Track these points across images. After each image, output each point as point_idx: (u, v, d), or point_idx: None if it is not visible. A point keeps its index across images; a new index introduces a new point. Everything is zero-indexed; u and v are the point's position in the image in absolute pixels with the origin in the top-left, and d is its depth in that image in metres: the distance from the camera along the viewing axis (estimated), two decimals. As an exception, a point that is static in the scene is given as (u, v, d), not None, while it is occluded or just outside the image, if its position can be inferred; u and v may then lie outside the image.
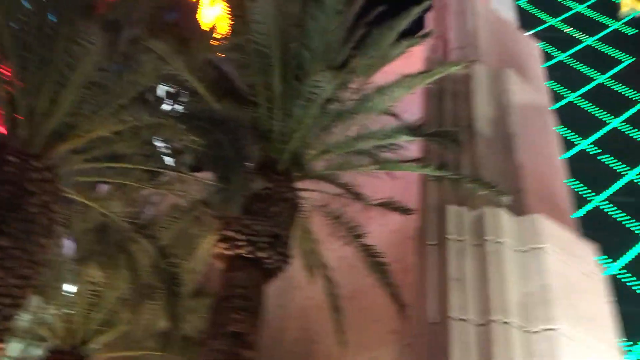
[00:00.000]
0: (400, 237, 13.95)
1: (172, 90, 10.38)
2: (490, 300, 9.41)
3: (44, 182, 8.22)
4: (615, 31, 30.02)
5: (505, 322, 9.16)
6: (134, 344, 13.33)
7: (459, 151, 11.51)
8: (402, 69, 11.90)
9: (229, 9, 11.96)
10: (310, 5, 10.89)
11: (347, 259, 13.67)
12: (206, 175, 10.84)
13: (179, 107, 10.63)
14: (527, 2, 31.02)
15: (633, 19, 30.48)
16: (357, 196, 12.09)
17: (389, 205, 12.22)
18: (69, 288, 13.63)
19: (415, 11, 11.10)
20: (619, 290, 14.74)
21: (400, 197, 12.95)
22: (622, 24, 30.33)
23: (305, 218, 12.34)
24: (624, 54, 28.41)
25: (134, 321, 11.62)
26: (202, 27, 17.85)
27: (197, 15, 26.88)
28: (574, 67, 28.26)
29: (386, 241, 13.74)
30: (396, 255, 13.42)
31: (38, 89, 8.09)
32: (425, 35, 12.21)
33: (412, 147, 12.11)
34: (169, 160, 11.13)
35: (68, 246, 12.98)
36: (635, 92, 26.49)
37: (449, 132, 11.59)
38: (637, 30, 29.83)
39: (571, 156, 22.02)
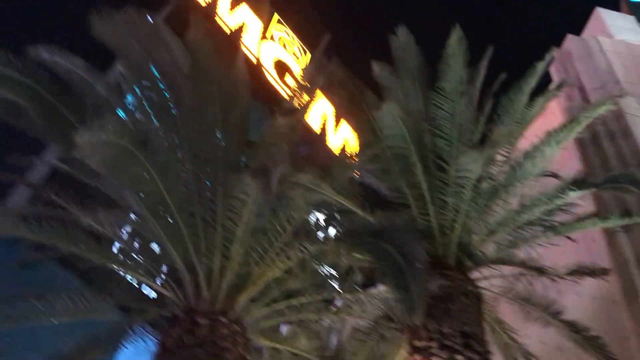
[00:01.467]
0: (602, 302, 12.53)
1: (325, 215, 10.59)
2: None
3: (234, 336, 8.49)
4: None
5: None
6: None
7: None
8: (544, 129, 11.33)
9: (356, 125, 12.34)
10: (432, 96, 10.93)
11: (551, 342, 12.43)
12: (380, 290, 10.66)
13: (335, 230, 10.76)
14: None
15: None
16: (541, 270, 11.16)
17: (581, 271, 11.09)
18: None
19: (540, 66, 10.69)
20: None
21: (586, 259, 11.79)
22: None
23: (492, 308, 11.55)
24: None
25: None
26: (334, 151, 18.56)
27: (327, 142, 28.28)
28: None
29: (588, 311, 12.39)
30: (605, 324, 11.99)
31: (210, 250, 8.63)
32: (560, 86, 11.62)
33: (582, 202, 11.14)
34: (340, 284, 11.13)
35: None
36: None
37: (627, 174, 10.52)
38: None
39: None
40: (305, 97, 10.03)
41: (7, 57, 8.61)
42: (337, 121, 29.99)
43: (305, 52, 34.28)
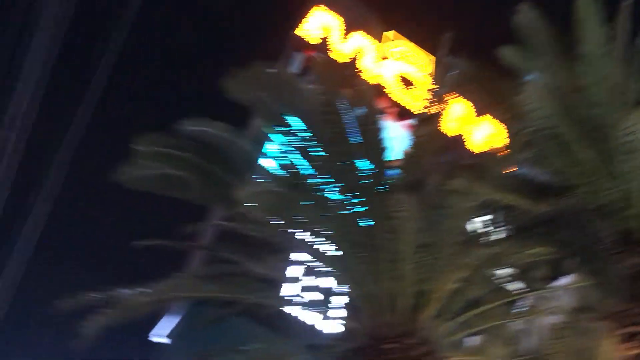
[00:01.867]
0: None
1: (488, 216, 10.14)
2: None
3: (425, 356, 8.34)
4: None
5: None
6: None
7: None
8: None
9: (499, 117, 11.81)
10: (575, 65, 10.15)
11: None
12: (566, 281, 9.94)
13: (504, 230, 10.24)
14: None
15: None
16: None
17: None
18: None
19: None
20: None
21: None
22: None
23: None
24: None
25: None
26: (480, 149, 17.97)
27: (470, 142, 27.29)
28: None
29: None
30: None
31: (380, 274, 8.63)
32: None
33: None
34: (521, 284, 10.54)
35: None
36: None
37: None
38: None
39: None
40: (439, 103, 9.80)
41: (164, 138, 9.51)
42: (477, 117, 28.93)
43: (428, 58, 33.77)
